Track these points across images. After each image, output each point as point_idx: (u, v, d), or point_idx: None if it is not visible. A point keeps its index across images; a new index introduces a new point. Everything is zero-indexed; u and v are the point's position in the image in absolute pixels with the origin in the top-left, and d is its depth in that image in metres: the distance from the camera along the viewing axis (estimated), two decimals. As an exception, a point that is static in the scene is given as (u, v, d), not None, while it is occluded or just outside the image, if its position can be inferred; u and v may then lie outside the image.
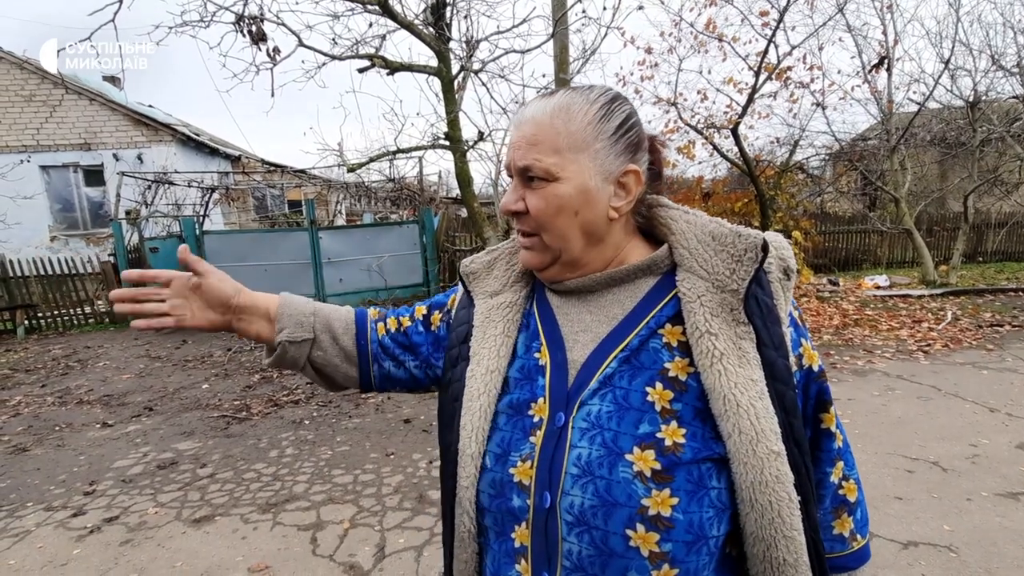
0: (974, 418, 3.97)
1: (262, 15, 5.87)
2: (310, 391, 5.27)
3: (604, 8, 8.92)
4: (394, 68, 6.52)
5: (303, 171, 11.42)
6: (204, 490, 3.39)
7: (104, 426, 4.59)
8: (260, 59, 6.10)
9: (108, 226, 10.85)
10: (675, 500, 0.61)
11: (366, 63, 6.51)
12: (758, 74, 7.21)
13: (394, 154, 7.40)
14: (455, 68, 6.51)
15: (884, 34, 9.27)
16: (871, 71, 9.30)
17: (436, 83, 6.56)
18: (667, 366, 0.67)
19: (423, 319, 0.90)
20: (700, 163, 10.76)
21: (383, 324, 0.91)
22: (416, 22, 6.23)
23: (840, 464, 0.76)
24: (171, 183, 10.42)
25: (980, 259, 12.76)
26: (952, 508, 2.83)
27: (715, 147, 8.36)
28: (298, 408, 4.83)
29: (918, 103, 9.67)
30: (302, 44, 6.19)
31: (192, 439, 4.22)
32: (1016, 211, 12.28)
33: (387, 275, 9.13)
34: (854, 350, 5.88)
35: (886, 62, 9.23)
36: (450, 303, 0.90)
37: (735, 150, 7.87)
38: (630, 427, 0.64)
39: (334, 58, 6.36)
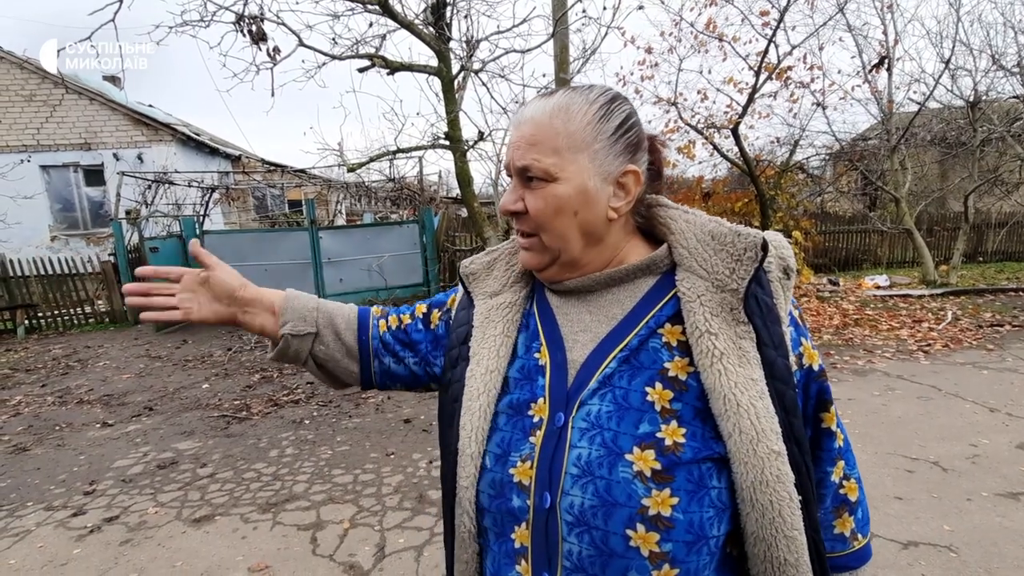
0: (974, 418, 3.97)
1: (262, 15, 5.87)
2: (310, 391, 5.27)
3: (604, 8, 8.93)
4: (394, 68, 6.52)
5: (303, 171, 11.42)
6: (204, 490, 3.40)
7: (104, 426, 4.59)
8: (260, 59, 6.11)
9: (108, 226, 10.85)
10: (675, 500, 0.61)
11: (366, 63, 6.51)
12: (758, 74, 7.20)
13: (394, 154, 7.39)
14: (455, 68, 6.51)
15: (884, 34, 9.28)
16: (871, 71, 9.29)
17: (436, 83, 6.56)
18: (667, 366, 0.67)
19: (423, 317, 0.91)
20: (700, 163, 10.78)
21: (384, 321, 0.92)
22: (416, 22, 6.23)
23: (841, 463, 0.76)
24: (171, 183, 10.41)
25: (980, 259, 12.76)
26: (952, 508, 2.83)
27: (715, 147, 8.36)
28: (298, 408, 4.83)
29: (918, 103, 9.67)
30: (302, 44, 6.19)
31: (192, 439, 4.22)
32: (1016, 211, 12.28)
33: (387, 275, 9.13)
34: (854, 350, 5.88)
35: (886, 62, 9.22)
36: (450, 302, 0.90)
37: (735, 150, 7.86)
38: (630, 427, 0.64)
39: (334, 58, 6.36)
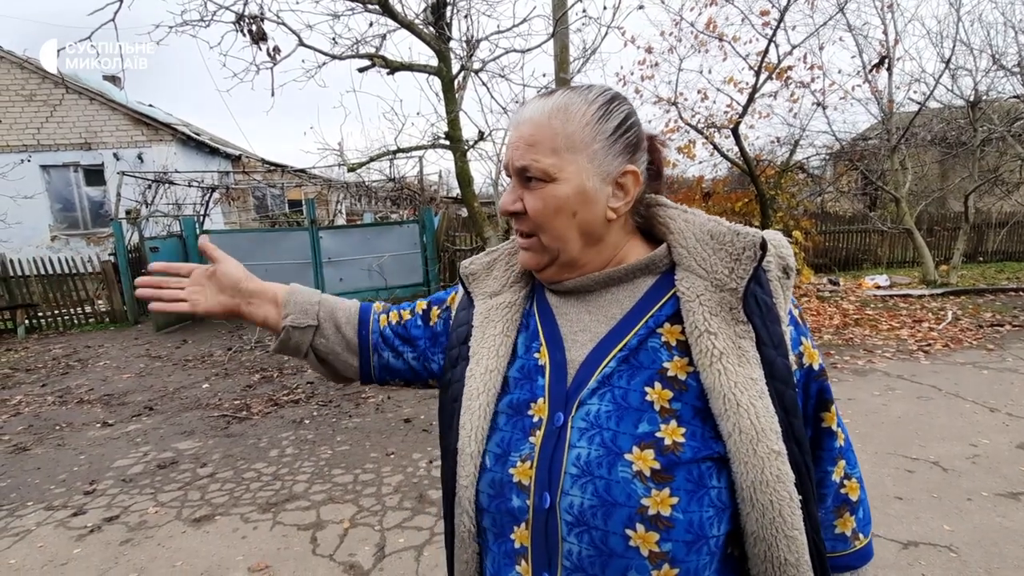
0: (974, 418, 3.96)
1: (262, 14, 5.86)
2: (310, 391, 5.27)
3: (604, 7, 8.92)
4: (394, 68, 6.51)
5: (303, 171, 11.41)
6: (204, 489, 3.40)
7: (104, 425, 4.59)
8: (260, 58, 6.10)
9: (108, 226, 10.84)
10: (675, 500, 0.61)
11: (366, 63, 6.50)
12: (758, 74, 7.20)
13: (394, 154, 7.38)
14: (455, 67, 6.50)
15: (885, 33, 9.27)
16: (872, 71, 9.29)
17: (436, 83, 6.55)
18: (666, 365, 0.67)
19: (422, 314, 0.92)
20: (700, 163, 10.78)
21: (385, 316, 0.93)
22: (416, 21, 6.22)
23: (842, 463, 0.76)
24: (171, 183, 10.41)
25: (981, 259, 12.76)
26: (952, 508, 2.83)
27: (715, 147, 8.36)
28: (298, 407, 4.83)
29: (919, 103, 9.67)
30: (302, 44, 6.18)
31: (192, 438, 4.22)
32: (1017, 211, 12.27)
33: (387, 275, 9.13)
34: (854, 350, 5.88)
35: (887, 61, 9.22)
36: (449, 300, 0.91)
37: (735, 150, 7.86)
38: (629, 427, 0.64)
39: (334, 57, 6.35)
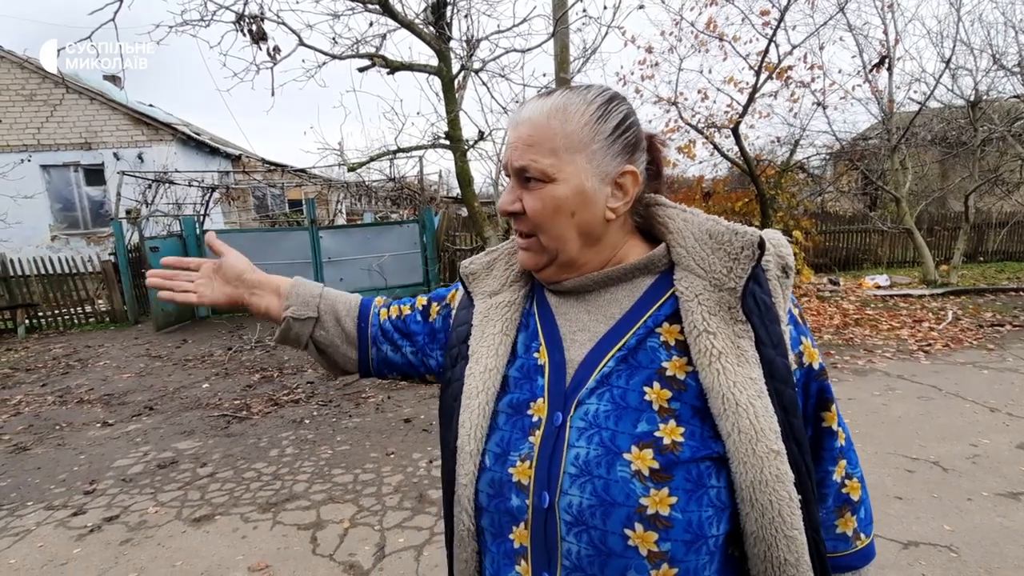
0: (975, 418, 3.96)
1: (262, 14, 5.86)
2: (310, 390, 5.27)
3: (605, 7, 8.91)
4: (394, 67, 6.51)
5: (303, 170, 11.41)
6: (204, 489, 3.40)
7: (104, 425, 4.60)
8: (260, 58, 6.10)
9: (109, 225, 10.85)
10: (673, 499, 0.61)
11: (366, 62, 6.50)
12: (759, 73, 7.20)
13: (394, 153, 7.38)
14: (455, 67, 6.49)
15: (885, 33, 9.27)
16: (872, 70, 9.28)
17: (436, 82, 6.55)
18: (665, 365, 0.67)
19: (422, 309, 0.93)
20: (701, 162, 10.76)
21: (386, 310, 0.95)
22: (416, 21, 6.22)
23: (843, 463, 0.76)
24: (171, 182, 10.41)
25: (981, 259, 12.75)
26: (953, 508, 2.83)
27: (716, 146, 8.36)
28: (298, 407, 4.83)
29: (919, 102, 9.66)
30: (302, 43, 6.18)
31: (192, 438, 4.22)
32: (1017, 211, 12.26)
33: (387, 274, 9.13)
34: (854, 350, 5.88)
35: (887, 61, 9.21)
36: (450, 298, 0.91)
37: (736, 149, 7.86)
38: (628, 426, 0.64)
39: (334, 57, 6.35)
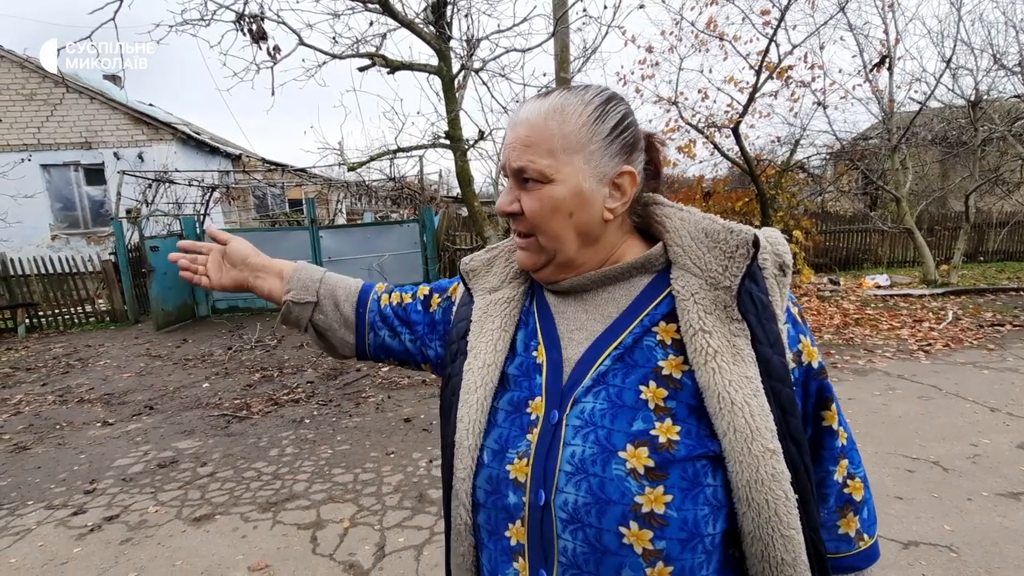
0: (975, 418, 3.96)
1: (262, 14, 5.86)
2: (310, 390, 5.28)
3: (605, 7, 8.90)
4: (394, 67, 6.50)
5: (303, 170, 11.40)
6: (204, 489, 3.40)
7: (104, 425, 4.60)
8: (260, 58, 6.12)
9: (109, 225, 10.86)
10: (669, 497, 0.61)
11: (366, 62, 6.49)
12: (759, 73, 7.19)
13: (395, 153, 7.37)
14: (456, 67, 6.49)
15: (885, 33, 9.27)
16: (872, 70, 9.28)
17: (436, 82, 6.55)
18: (661, 364, 0.67)
19: (423, 299, 0.93)
20: (701, 162, 10.76)
21: (387, 296, 0.95)
22: (417, 21, 6.21)
23: (844, 462, 0.76)
24: (172, 182, 10.41)
25: (981, 258, 12.74)
26: (953, 508, 2.83)
27: (716, 146, 8.35)
28: (298, 407, 4.83)
29: (919, 102, 9.65)
30: (303, 43, 6.18)
31: (192, 438, 4.23)
32: (1017, 210, 12.25)
33: (388, 274, 9.13)
34: (855, 349, 5.87)
35: (887, 61, 9.21)
36: (451, 290, 0.92)
37: (736, 149, 7.85)
38: (624, 424, 0.64)
39: (334, 57, 6.35)
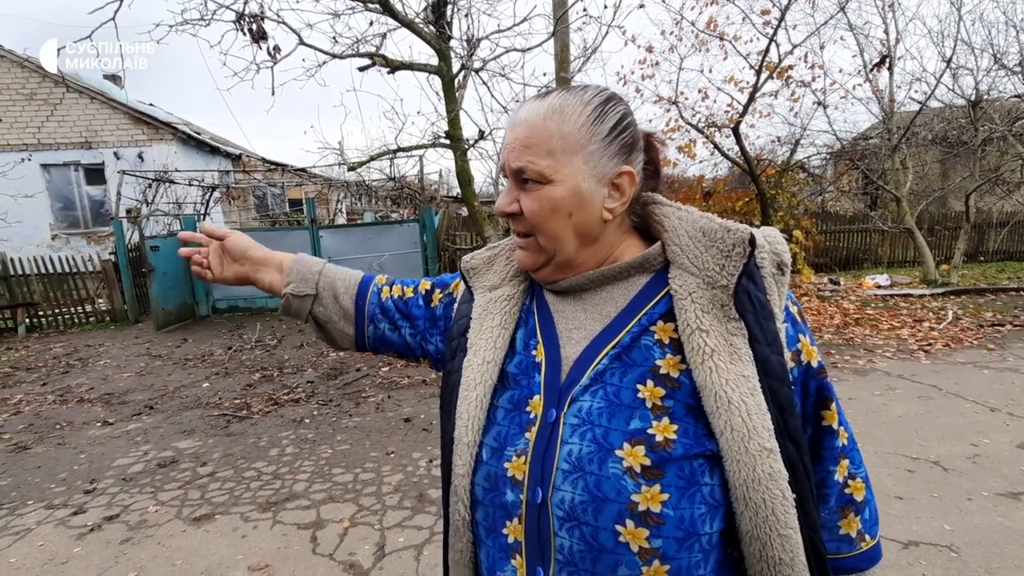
0: (975, 418, 3.96)
1: (262, 13, 5.86)
2: (310, 390, 5.28)
3: (605, 7, 8.90)
4: (394, 67, 6.50)
5: (303, 170, 11.40)
6: (204, 488, 3.40)
7: (105, 424, 4.60)
8: (260, 57, 6.12)
9: (109, 224, 10.86)
10: (665, 496, 0.61)
11: (366, 62, 6.49)
12: (759, 73, 7.19)
13: (395, 153, 7.37)
14: (456, 66, 6.49)
15: (886, 33, 9.26)
16: (873, 70, 9.27)
17: (437, 82, 6.54)
18: (658, 363, 0.67)
19: (425, 294, 0.94)
20: (701, 162, 10.76)
21: (388, 288, 0.96)
22: (417, 20, 6.21)
23: (845, 462, 0.75)
24: (172, 182, 10.42)
25: (981, 258, 12.73)
26: (953, 508, 2.83)
27: (716, 146, 8.35)
28: (298, 407, 4.83)
29: (920, 102, 9.65)
30: (303, 43, 6.18)
31: (192, 437, 4.23)
32: (1018, 210, 12.25)
33: (388, 274, 9.10)
34: (855, 349, 5.87)
35: (888, 61, 9.21)
36: (453, 286, 0.92)
37: (736, 149, 7.86)
38: (621, 423, 0.64)
39: (335, 56, 6.35)
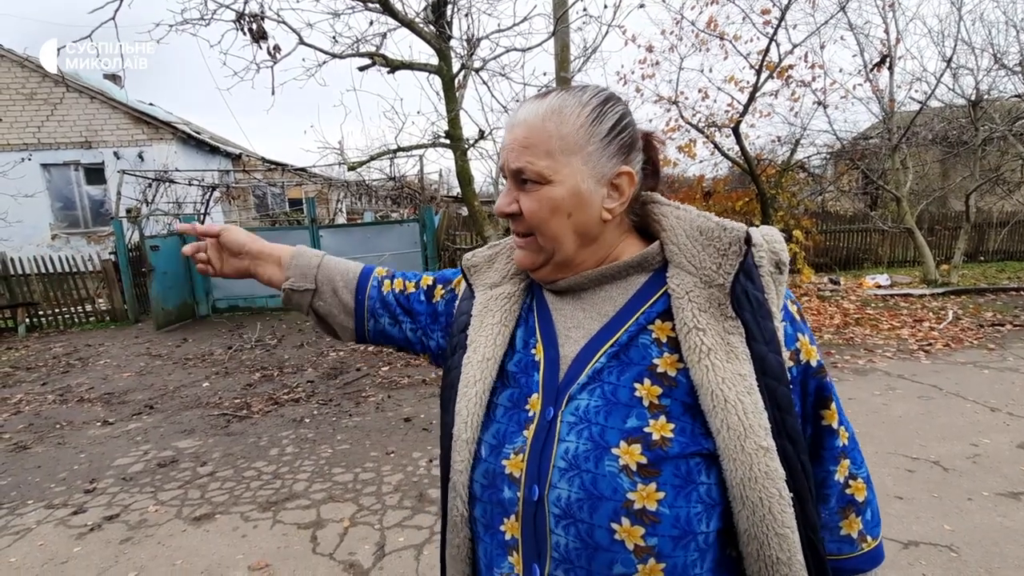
0: (975, 418, 3.96)
1: (263, 13, 5.85)
2: (310, 389, 5.28)
3: (605, 6, 8.90)
4: (395, 66, 6.50)
5: (304, 169, 11.40)
6: (204, 488, 3.40)
7: (105, 424, 4.60)
8: (261, 57, 6.12)
9: (109, 224, 10.87)
10: (661, 494, 0.61)
11: (366, 61, 6.49)
12: (759, 73, 7.19)
13: (395, 152, 7.36)
14: (456, 66, 6.49)
15: (886, 32, 9.26)
16: (873, 70, 9.27)
17: (437, 81, 6.54)
18: (656, 362, 0.67)
19: (427, 289, 0.93)
20: (701, 162, 10.76)
21: (389, 282, 0.95)
22: (417, 20, 6.21)
23: (845, 462, 0.74)
24: (172, 181, 10.42)
25: (982, 258, 12.73)
26: (953, 508, 2.83)
27: (716, 146, 8.35)
28: (298, 406, 4.83)
29: (920, 102, 9.64)
30: (303, 42, 6.17)
31: (192, 437, 4.23)
32: (1018, 210, 12.24)
33: (388, 273, 9.12)
34: (855, 349, 5.87)
35: (888, 60, 9.21)
36: (455, 282, 0.92)
37: (736, 149, 7.85)
38: (617, 422, 0.65)
39: (335, 56, 6.34)
